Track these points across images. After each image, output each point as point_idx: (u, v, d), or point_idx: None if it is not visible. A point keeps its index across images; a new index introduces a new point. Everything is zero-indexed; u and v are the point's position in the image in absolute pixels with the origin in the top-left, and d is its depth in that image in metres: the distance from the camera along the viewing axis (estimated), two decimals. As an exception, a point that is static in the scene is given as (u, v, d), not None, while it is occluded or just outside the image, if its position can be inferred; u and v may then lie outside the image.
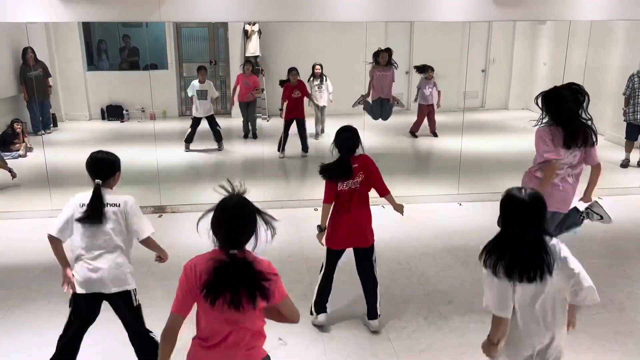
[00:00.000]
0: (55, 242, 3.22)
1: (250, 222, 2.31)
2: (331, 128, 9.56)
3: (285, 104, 8.64)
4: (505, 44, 11.67)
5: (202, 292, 2.25)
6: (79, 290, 3.24)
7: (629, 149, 8.08)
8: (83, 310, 3.31)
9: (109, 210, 3.20)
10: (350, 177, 3.89)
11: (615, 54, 9.35)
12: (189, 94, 9.01)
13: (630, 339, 3.96)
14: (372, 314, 4.07)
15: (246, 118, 9.64)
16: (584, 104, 3.85)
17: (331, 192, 3.92)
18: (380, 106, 8.49)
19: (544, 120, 3.95)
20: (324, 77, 9.32)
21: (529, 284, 2.41)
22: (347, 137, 3.90)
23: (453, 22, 8.07)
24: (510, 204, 2.46)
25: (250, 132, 9.70)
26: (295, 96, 8.57)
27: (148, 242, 3.34)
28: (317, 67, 9.28)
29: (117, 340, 3.59)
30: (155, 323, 3.39)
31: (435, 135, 9.82)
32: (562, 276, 2.43)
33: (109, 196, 3.23)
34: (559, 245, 2.47)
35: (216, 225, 2.29)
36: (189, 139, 9.01)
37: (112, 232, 3.21)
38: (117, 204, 3.22)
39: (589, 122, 3.88)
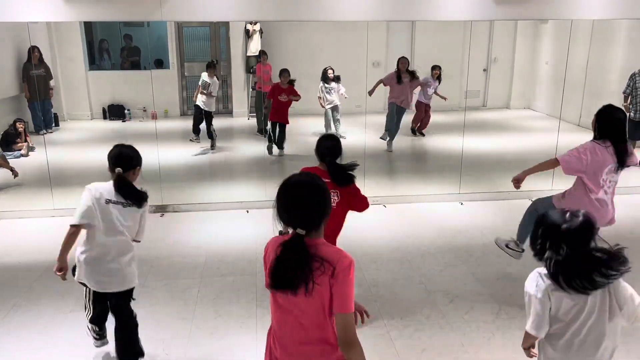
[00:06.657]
0: None
1: (316, 198, 2.05)
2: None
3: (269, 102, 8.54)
4: (507, 43, 11.67)
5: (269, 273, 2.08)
6: None
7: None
8: None
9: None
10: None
11: (617, 53, 9.35)
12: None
13: (631, 337, 3.95)
14: None
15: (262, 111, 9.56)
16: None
17: None
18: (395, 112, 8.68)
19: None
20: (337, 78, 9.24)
21: (578, 295, 2.44)
22: (332, 145, 3.60)
23: (454, 22, 8.08)
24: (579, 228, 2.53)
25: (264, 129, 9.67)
26: (283, 100, 8.42)
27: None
28: (330, 70, 9.16)
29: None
30: (157, 323, 3.41)
31: (422, 135, 9.86)
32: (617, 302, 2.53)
33: None
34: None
35: (279, 204, 2.08)
36: (196, 130, 8.94)
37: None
38: None
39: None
